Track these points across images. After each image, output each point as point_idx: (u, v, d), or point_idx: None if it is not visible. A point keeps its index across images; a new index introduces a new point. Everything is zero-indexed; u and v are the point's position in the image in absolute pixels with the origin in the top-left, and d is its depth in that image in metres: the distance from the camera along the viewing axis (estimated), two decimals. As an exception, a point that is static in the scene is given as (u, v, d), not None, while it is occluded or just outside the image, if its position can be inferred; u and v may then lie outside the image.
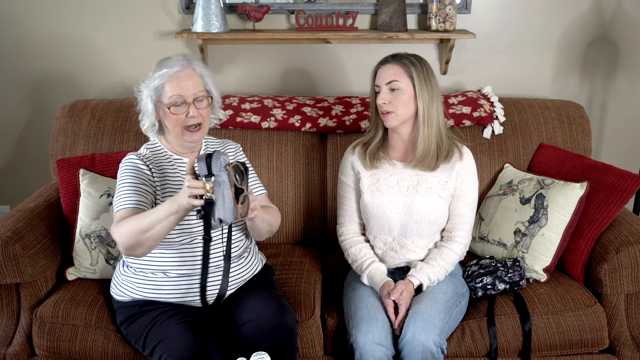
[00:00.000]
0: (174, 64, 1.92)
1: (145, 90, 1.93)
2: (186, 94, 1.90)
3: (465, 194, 2.13)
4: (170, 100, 1.90)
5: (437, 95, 2.06)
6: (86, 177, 2.33)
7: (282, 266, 2.36)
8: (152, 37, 2.91)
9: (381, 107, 2.04)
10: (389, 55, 2.10)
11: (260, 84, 2.97)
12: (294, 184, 2.56)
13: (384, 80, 2.04)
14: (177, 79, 1.90)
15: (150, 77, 1.93)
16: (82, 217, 2.29)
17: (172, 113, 1.91)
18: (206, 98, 1.97)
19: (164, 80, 1.90)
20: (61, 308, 2.09)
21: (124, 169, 1.95)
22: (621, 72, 2.96)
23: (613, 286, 2.16)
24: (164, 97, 1.91)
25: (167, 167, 2.00)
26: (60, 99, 2.93)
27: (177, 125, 1.93)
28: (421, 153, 2.07)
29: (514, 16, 2.89)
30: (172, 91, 1.90)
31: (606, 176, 2.32)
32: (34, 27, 2.92)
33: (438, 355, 1.90)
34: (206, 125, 1.99)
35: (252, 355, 1.59)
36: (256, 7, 2.76)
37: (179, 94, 1.90)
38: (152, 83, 1.91)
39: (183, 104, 1.91)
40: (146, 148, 2.04)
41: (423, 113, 2.04)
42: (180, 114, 1.91)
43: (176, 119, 1.92)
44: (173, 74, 1.90)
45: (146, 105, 1.95)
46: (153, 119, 1.96)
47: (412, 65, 2.03)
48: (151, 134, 2.03)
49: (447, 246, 2.14)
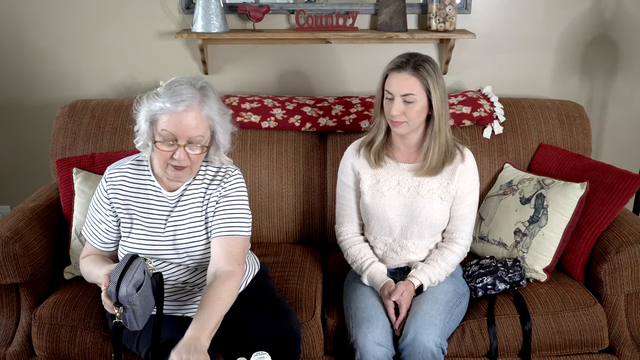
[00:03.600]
0: (180, 100, 1.71)
1: (145, 108, 1.76)
2: (180, 135, 1.72)
3: (466, 196, 2.12)
4: (161, 134, 1.73)
5: (446, 100, 2.05)
6: (79, 176, 2.33)
7: (282, 266, 2.36)
8: (152, 37, 2.91)
9: (394, 117, 2.01)
10: (402, 59, 2.00)
11: (260, 83, 2.97)
12: (294, 183, 2.56)
13: (399, 91, 1.99)
14: (177, 116, 1.71)
15: (153, 97, 1.75)
16: (77, 216, 2.29)
17: (158, 148, 1.75)
18: (201, 147, 1.77)
19: (162, 112, 1.72)
20: (60, 309, 2.09)
21: (93, 198, 1.95)
22: (621, 72, 2.96)
23: (613, 286, 2.16)
24: (158, 126, 1.74)
25: (141, 191, 1.89)
26: (60, 99, 2.93)
27: (162, 160, 1.78)
28: (434, 163, 2.06)
29: (514, 16, 2.89)
30: (166, 125, 1.72)
31: (606, 176, 2.32)
32: (34, 27, 2.91)
33: (439, 356, 1.90)
34: (195, 168, 1.82)
35: (253, 355, 1.58)
36: (256, 7, 2.76)
37: (172, 132, 1.72)
38: (152, 107, 1.74)
39: (173, 143, 1.74)
40: (131, 164, 1.92)
41: (438, 123, 2.02)
42: (166, 152, 1.75)
43: (161, 154, 1.76)
44: (176, 113, 1.72)
45: (140, 124, 1.80)
46: (146, 140, 1.81)
47: (428, 76, 1.97)
48: (144, 151, 1.88)
49: (448, 247, 2.13)
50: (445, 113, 2.03)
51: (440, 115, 2.01)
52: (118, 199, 1.89)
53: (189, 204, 1.89)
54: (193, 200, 1.89)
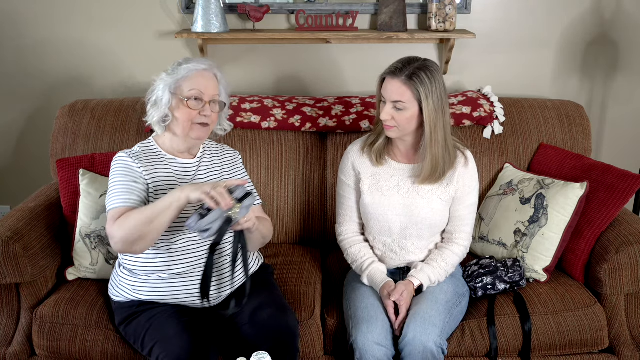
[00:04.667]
0: (201, 63, 1.98)
1: (167, 79, 1.95)
2: (206, 93, 1.95)
3: (465, 197, 2.12)
4: (190, 94, 1.94)
5: (445, 107, 2.00)
6: (86, 177, 2.33)
7: (282, 266, 2.36)
8: (152, 37, 2.91)
9: (384, 120, 2.02)
10: (399, 65, 1.98)
11: (260, 84, 2.97)
12: (294, 184, 2.56)
13: (390, 97, 1.98)
14: (201, 77, 1.96)
15: (173, 69, 1.97)
16: (82, 217, 2.29)
17: (189, 107, 1.94)
18: (219, 104, 2.01)
19: (190, 73, 1.94)
20: (61, 308, 2.09)
21: (114, 168, 1.97)
22: (621, 72, 2.96)
23: (613, 286, 2.16)
24: (184, 90, 1.94)
25: (160, 164, 2.00)
26: (60, 99, 2.93)
27: (188, 120, 1.95)
28: (429, 172, 2.04)
29: (514, 16, 2.89)
30: (194, 85, 1.94)
31: (606, 176, 2.32)
32: (33, 28, 2.92)
33: (439, 356, 1.90)
34: (211, 128, 2.03)
35: (253, 355, 1.59)
36: (256, 7, 2.76)
37: (200, 90, 1.94)
38: (175, 74, 1.95)
39: (200, 101, 1.95)
40: (139, 147, 2.05)
41: (430, 134, 1.99)
42: (195, 110, 1.95)
43: (189, 113, 1.95)
44: (200, 70, 1.96)
45: (162, 96, 1.95)
46: (166, 111, 1.96)
47: (421, 86, 1.94)
48: (158, 127, 2.01)
49: (448, 248, 2.13)
50: (441, 123, 1.98)
51: (434, 126, 1.98)
52: (144, 168, 1.97)
53: (208, 169, 2.08)
54: (210, 165, 2.09)
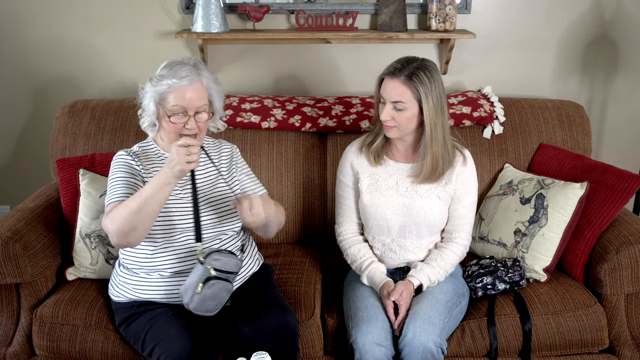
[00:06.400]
0: (184, 76, 1.91)
1: (150, 92, 1.95)
2: (189, 107, 1.92)
3: (464, 196, 2.12)
4: (173, 109, 1.92)
5: (444, 106, 2.00)
6: (86, 177, 2.33)
7: (282, 266, 2.36)
8: (152, 37, 2.91)
9: (384, 121, 2.02)
10: (398, 65, 1.98)
11: (260, 84, 2.97)
12: (294, 184, 2.56)
13: (389, 97, 1.98)
14: (182, 91, 1.91)
15: (157, 80, 1.94)
16: (82, 217, 2.29)
17: (171, 122, 1.93)
18: (207, 113, 1.98)
19: (170, 89, 1.91)
20: (61, 308, 2.09)
21: (114, 165, 2.00)
22: (621, 72, 2.96)
23: (613, 286, 2.16)
24: (167, 104, 1.93)
25: (159, 164, 2.03)
26: (60, 99, 2.93)
27: (174, 132, 1.95)
28: (429, 171, 2.05)
29: (514, 16, 2.89)
30: (175, 101, 1.91)
31: (606, 176, 2.32)
32: (34, 28, 2.91)
33: (438, 356, 1.90)
34: (202, 136, 2.02)
35: (253, 355, 1.59)
36: (256, 7, 2.76)
37: (182, 105, 1.91)
38: (158, 88, 1.92)
39: (183, 115, 1.93)
40: (139, 146, 2.08)
41: (430, 133, 2.00)
42: (179, 124, 1.93)
43: (174, 127, 1.94)
44: (180, 87, 1.91)
45: (148, 105, 1.97)
46: (153, 119, 1.99)
47: (421, 86, 1.94)
48: (150, 131, 2.05)
49: (448, 247, 2.13)
50: (440, 122, 1.99)
51: (433, 125, 1.98)
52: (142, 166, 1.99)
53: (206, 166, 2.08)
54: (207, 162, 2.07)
